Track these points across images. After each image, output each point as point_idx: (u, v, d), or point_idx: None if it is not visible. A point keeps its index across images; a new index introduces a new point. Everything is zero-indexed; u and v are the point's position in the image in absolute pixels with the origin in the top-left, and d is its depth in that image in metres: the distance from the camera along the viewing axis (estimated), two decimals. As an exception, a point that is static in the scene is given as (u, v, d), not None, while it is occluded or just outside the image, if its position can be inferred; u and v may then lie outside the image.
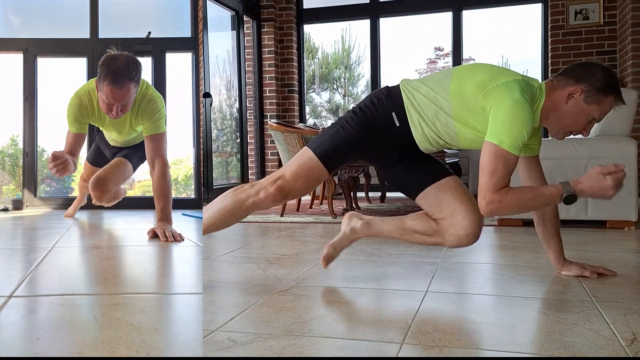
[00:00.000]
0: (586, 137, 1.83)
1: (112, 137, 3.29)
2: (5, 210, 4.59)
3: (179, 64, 5.05)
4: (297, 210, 4.40)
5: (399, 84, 1.85)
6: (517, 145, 1.60)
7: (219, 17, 5.79)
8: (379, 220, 1.98)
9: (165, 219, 2.73)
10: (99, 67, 2.60)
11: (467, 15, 5.99)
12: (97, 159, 3.62)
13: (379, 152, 1.88)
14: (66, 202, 4.65)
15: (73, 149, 2.95)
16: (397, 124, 1.79)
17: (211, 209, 1.84)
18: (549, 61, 5.50)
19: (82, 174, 3.80)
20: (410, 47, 6.72)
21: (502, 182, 1.61)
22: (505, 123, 1.60)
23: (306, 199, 5.28)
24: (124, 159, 3.31)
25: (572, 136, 1.86)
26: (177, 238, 2.58)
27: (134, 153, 3.43)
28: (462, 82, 1.72)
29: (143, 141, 3.28)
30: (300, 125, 5.13)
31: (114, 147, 3.43)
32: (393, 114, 1.79)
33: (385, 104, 1.80)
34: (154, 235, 2.65)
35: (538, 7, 5.76)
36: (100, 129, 3.22)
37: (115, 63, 2.55)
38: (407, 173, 1.90)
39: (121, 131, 3.12)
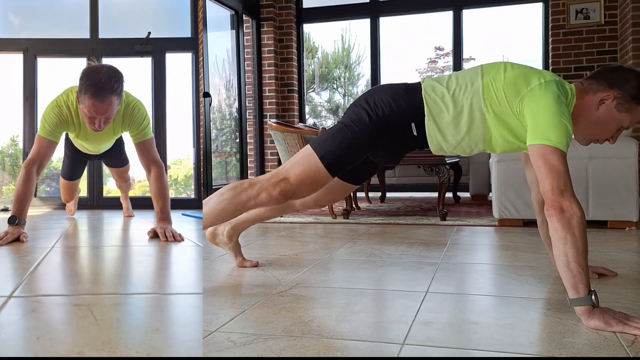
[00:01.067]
0: (612, 144, 1.76)
1: (88, 148, 3.21)
2: (5, 210, 4.59)
3: (178, 64, 5.05)
4: (297, 210, 4.40)
5: (420, 85, 1.74)
6: (566, 142, 1.50)
7: (218, 16, 5.79)
8: (237, 218, 2.13)
9: (165, 219, 2.74)
10: (79, 79, 2.51)
11: (468, 14, 5.98)
12: (75, 171, 3.56)
13: (385, 153, 1.87)
14: (66, 202, 4.65)
15: (44, 157, 2.77)
16: (415, 134, 1.73)
17: (209, 209, 1.83)
18: (550, 60, 5.50)
19: (62, 195, 3.76)
20: (411, 47, 6.72)
21: (570, 184, 1.46)
22: (549, 121, 1.50)
23: (306, 198, 5.27)
24: (123, 168, 3.67)
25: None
26: (177, 238, 2.58)
27: (118, 154, 3.49)
28: (495, 76, 1.64)
29: (117, 143, 3.35)
30: (300, 125, 5.13)
31: (89, 154, 3.40)
32: (413, 124, 1.71)
33: (404, 112, 1.71)
34: (154, 235, 2.66)
35: (539, 6, 5.76)
36: (78, 140, 3.09)
37: (97, 75, 2.46)
38: (371, 171, 2.01)
39: (105, 142, 3.10)
